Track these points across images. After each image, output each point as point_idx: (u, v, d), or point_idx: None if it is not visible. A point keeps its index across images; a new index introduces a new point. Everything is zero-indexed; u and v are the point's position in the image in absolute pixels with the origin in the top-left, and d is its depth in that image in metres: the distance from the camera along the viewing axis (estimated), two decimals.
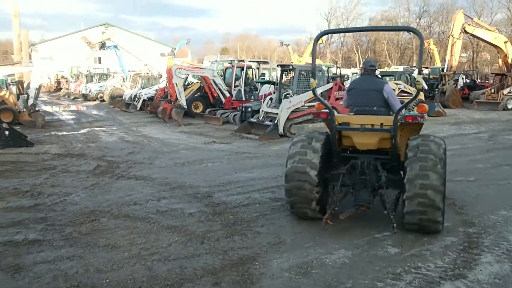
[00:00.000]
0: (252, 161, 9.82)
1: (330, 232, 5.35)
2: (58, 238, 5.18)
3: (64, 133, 14.80)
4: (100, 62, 48.21)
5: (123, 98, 24.65)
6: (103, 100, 28.90)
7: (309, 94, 13.19)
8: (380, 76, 15.55)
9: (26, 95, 16.90)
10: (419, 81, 5.18)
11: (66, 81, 39.11)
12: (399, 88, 16.16)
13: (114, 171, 8.67)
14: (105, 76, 33.78)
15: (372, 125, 5.45)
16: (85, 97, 31.77)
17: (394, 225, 5.02)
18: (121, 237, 5.26)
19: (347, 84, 15.69)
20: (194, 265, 4.50)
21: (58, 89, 43.13)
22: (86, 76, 34.14)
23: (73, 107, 26.96)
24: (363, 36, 61.75)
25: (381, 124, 5.42)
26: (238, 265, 4.50)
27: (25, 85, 19.28)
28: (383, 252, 4.83)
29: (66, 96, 36.27)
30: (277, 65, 16.25)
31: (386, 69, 39.67)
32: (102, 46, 29.32)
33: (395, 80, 19.45)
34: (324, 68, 15.32)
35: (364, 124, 5.45)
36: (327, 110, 5.54)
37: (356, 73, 28.15)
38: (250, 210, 6.29)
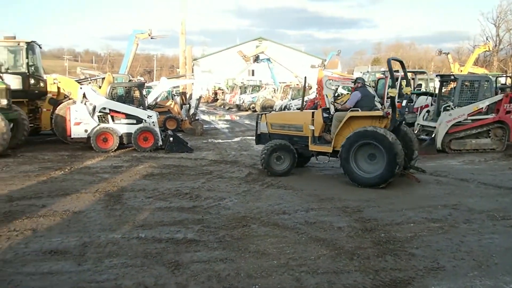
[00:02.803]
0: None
1: (499, 260, 4.69)
2: (213, 240, 5.44)
3: (220, 140, 15.80)
4: (253, 74, 50.88)
5: (274, 108, 25.52)
6: (255, 110, 30.30)
7: (474, 107, 12.02)
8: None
9: (188, 105, 18.51)
10: None
11: (222, 92, 42.10)
12: None
13: (264, 179, 8.90)
14: (257, 87, 35.47)
15: None
16: (239, 108, 33.72)
17: None
18: (270, 245, 5.31)
19: None
20: (343, 282, 4.31)
21: (215, 99, 46.64)
22: (240, 88, 36.23)
23: (228, 117, 28.77)
24: None
25: None
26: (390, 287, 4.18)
27: (187, 96, 21.17)
28: None
29: (222, 106, 38.98)
30: (436, 75, 15.18)
31: None
32: (256, 59, 30.83)
33: None
34: (491, 78, 13.79)
35: None
36: None
37: None
38: (403, 229, 5.87)
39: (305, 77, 10.75)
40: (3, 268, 4.55)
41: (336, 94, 19.13)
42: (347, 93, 20.53)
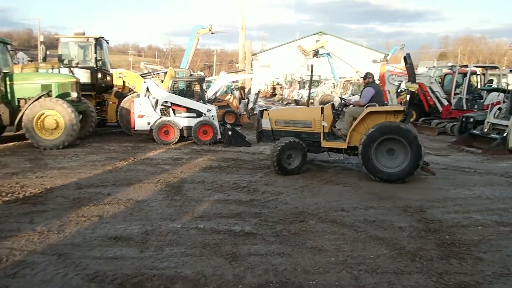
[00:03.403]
0: (473, 177, 8.80)
1: None
2: (270, 233, 5.44)
3: None
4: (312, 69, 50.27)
5: (333, 104, 25.14)
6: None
7: None
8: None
9: (246, 100, 18.62)
10: None
11: (281, 87, 42.03)
12: None
13: (322, 175, 8.79)
14: (316, 82, 35.07)
15: None
16: (297, 103, 33.51)
17: None
18: (328, 241, 5.23)
19: None
20: (403, 283, 4.17)
21: (273, 94, 46.65)
22: (299, 83, 35.99)
23: None
24: None
25: None
26: None
27: (246, 90, 21.32)
28: None
29: (280, 101, 38.93)
30: (510, 71, 14.31)
31: None
32: (316, 53, 30.40)
33: None
34: None
35: None
36: None
37: None
38: (470, 232, 5.59)
39: (312, 65, 10.01)
40: (71, 251, 4.80)
41: (399, 90, 18.59)
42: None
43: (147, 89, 13.05)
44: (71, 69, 15.10)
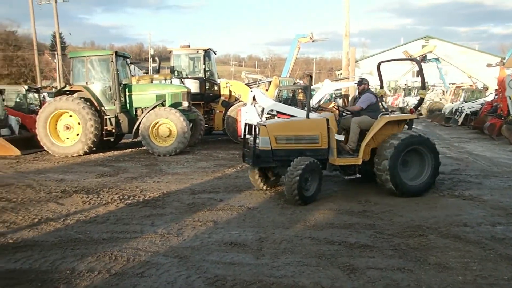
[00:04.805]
0: None
1: None
2: (387, 247, 5.19)
3: None
4: (417, 76, 48.06)
5: (443, 112, 23.72)
6: (420, 114, 28.56)
7: None
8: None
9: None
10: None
11: (384, 94, 40.60)
12: None
13: (438, 187, 8.23)
14: None
15: None
16: (402, 110, 32.13)
17: None
18: (453, 258, 4.85)
19: None
20: None
21: None
22: (404, 90, 34.53)
23: None
24: None
25: None
26: None
27: (349, 98, 20.89)
28: None
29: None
30: None
31: None
32: (423, 59, 29.05)
33: None
34: None
35: None
36: None
37: None
38: None
39: (310, 76, 8.80)
40: (191, 254, 4.98)
41: None
42: None
43: (254, 98, 13.33)
44: (182, 79, 15.97)
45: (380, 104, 8.70)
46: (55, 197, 7.75)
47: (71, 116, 12.87)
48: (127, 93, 13.46)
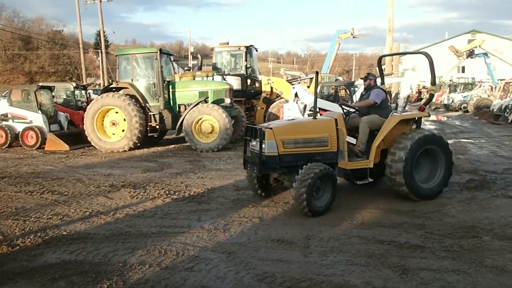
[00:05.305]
0: None
1: None
2: (439, 248, 5.03)
3: None
4: (463, 71, 46.61)
5: (491, 109, 22.84)
6: (467, 111, 27.64)
7: None
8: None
9: (395, 104, 17.83)
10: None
11: (427, 91, 39.52)
12: None
13: (490, 187, 7.93)
14: (469, 85, 32.23)
15: None
16: (447, 107, 31.21)
17: None
18: (510, 261, 4.65)
19: None
20: None
21: (419, 99, 44.13)
22: (449, 86, 33.48)
23: (433, 117, 26.85)
24: None
25: None
26: None
27: (392, 95, 20.45)
28: None
29: (427, 106, 36.60)
30: None
31: None
32: (470, 54, 28.07)
33: None
34: None
35: None
36: None
37: None
38: None
39: (317, 72, 7.64)
40: (239, 250, 4.99)
41: None
42: None
43: (296, 95, 13.26)
44: (224, 76, 16.08)
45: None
46: (104, 191, 7.97)
47: (117, 112, 13.21)
48: (170, 90, 13.68)
